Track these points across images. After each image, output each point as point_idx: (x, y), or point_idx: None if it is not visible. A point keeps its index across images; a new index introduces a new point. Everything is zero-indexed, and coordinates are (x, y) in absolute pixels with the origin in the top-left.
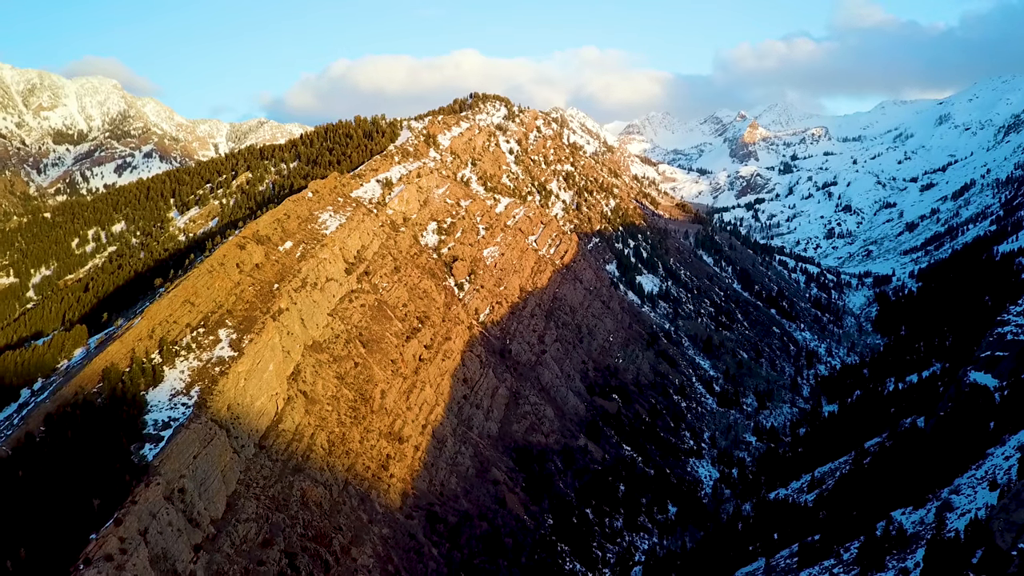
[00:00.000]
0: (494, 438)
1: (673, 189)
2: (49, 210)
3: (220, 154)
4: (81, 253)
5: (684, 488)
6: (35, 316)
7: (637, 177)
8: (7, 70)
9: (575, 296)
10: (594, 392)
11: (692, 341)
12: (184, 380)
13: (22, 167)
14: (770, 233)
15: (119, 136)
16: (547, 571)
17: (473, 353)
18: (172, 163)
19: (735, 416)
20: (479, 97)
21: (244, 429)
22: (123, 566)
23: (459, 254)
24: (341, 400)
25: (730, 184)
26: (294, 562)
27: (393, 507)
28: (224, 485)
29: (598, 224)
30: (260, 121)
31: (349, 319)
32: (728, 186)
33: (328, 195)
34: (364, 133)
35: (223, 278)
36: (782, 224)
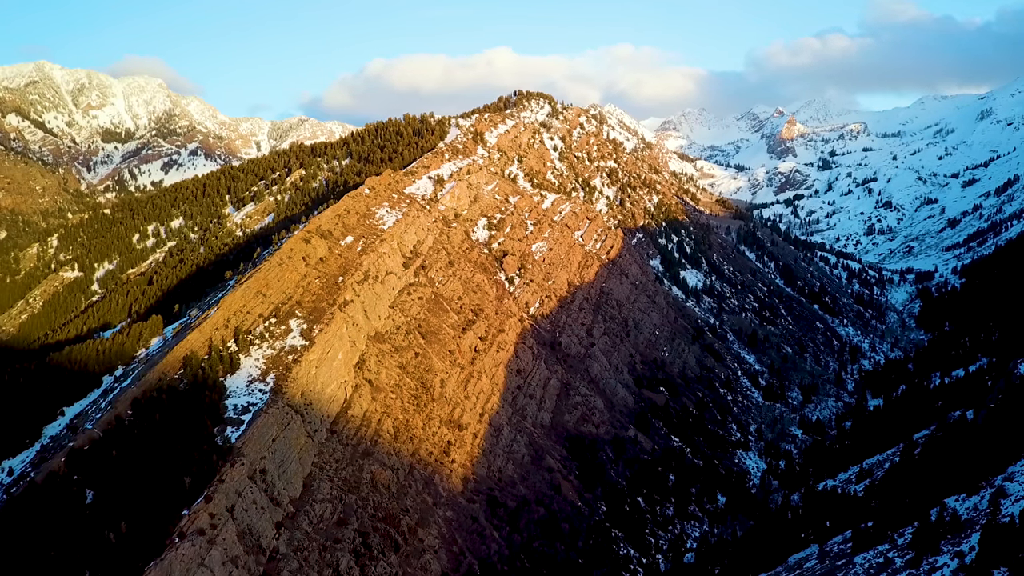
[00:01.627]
0: (547, 427)
1: (711, 185)
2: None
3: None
4: (142, 248)
5: (732, 479)
6: (102, 308)
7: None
8: (57, 70)
9: (621, 290)
10: (642, 384)
11: (737, 335)
12: (259, 367)
13: (73, 165)
14: (809, 229)
15: (165, 134)
16: (602, 556)
17: (525, 345)
18: (216, 161)
19: (781, 409)
20: (523, 95)
21: (317, 414)
22: (214, 540)
23: (509, 249)
24: (404, 388)
25: (768, 180)
26: (367, 541)
27: (455, 491)
28: (301, 467)
29: (641, 220)
30: (300, 119)
31: (408, 311)
32: (766, 182)
33: (383, 191)
34: (414, 131)
35: (291, 271)
36: (821, 220)
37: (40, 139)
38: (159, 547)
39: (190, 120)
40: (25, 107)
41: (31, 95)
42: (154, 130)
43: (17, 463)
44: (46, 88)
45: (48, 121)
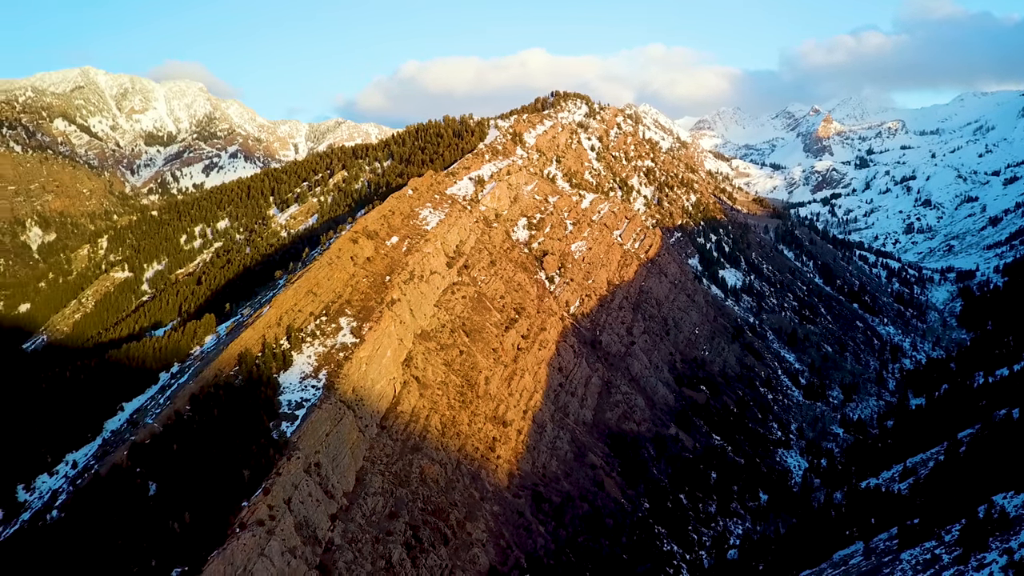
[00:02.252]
0: (589, 425)
1: (747, 184)
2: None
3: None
4: (189, 249)
5: (774, 477)
6: (153, 308)
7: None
8: (102, 75)
9: (661, 289)
10: (682, 383)
11: (776, 334)
12: (312, 364)
13: (118, 168)
14: (847, 228)
15: (205, 137)
16: (646, 551)
17: (567, 343)
18: (255, 163)
19: (821, 408)
20: (560, 96)
21: (367, 410)
22: (273, 531)
23: (549, 248)
24: (450, 385)
25: (805, 179)
26: (417, 534)
27: (501, 486)
28: (353, 461)
29: (679, 219)
30: (337, 121)
31: (452, 310)
32: (803, 181)
33: (426, 192)
34: (454, 132)
35: (340, 270)
36: (859, 219)
37: (86, 143)
38: (220, 537)
39: (230, 123)
40: (71, 112)
41: (77, 100)
42: (195, 133)
43: (80, 456)
44: (91, 93)
45: (93, 125)
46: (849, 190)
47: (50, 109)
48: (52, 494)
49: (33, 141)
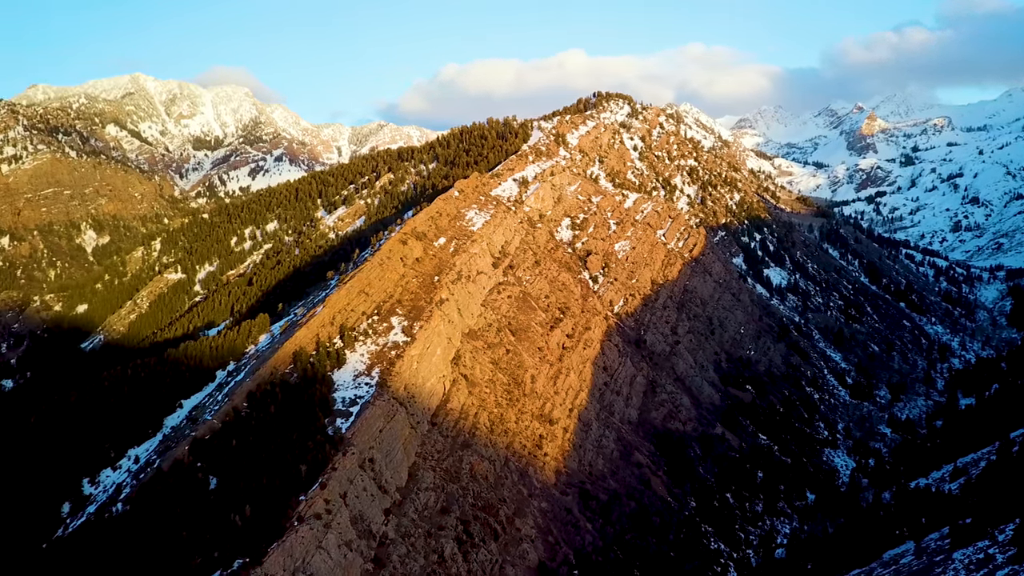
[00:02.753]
0: (634, 424)
1: (790, 183)
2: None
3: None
4: (240, 250)
5: (821, 477)
6: (206, 308)
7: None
8: (151, 82)
9: (705, 289)
10: (728, 382)
11: (822, 334)
12: (364, 362)
13: (167, 172)
14: (892, 227)
15: (251, 141)
16: (693, 549)
17: (611, 343)
18: (300, 166)
19: (868, 408)
20: (602, 96)
21: (419, 407)
22: (329, 524)
23: (592, 248)
24: (497, 383)
25: (849, 177)
26: (468, 529)
27: (549, 483)
28: (405, 457)
29: (723, 218)
30: (380, 124)
31: (498, 309)
32: (847, 179)
33: (472, 194)
34: (498, 134)
35: (391, 271)
36: (905, 217)
37: (136, 148)
38: (279, 530)
39: (275, 127)
40: (122, 118)
41: (127, 106)
42: (241, 137)
43: (142, 451)
44: (141, 99)
45: (143, 131)
46: (894, 188)
47: (102, 115)
48: (116, 488)
49: (87, 147)
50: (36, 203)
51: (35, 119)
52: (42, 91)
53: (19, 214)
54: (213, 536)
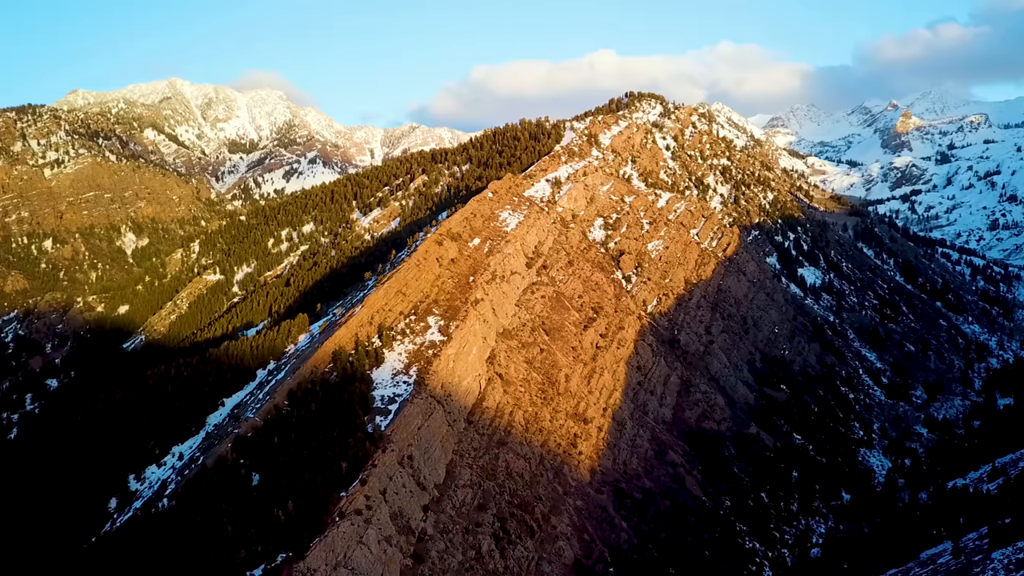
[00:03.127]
0: (668, 423)
1: (823, 182)
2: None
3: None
4: (277, 252)
5: (856, 476)
6: (245, 309)
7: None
8: (187, 86)
9: (739, 288)
10: (762, 382)
11: (857, 333)
12: (402, 361)
13: (203, 175)
14: (928, 225)
15: (286, 144)
16: (728, 548)
17: (645, 342)
18: (333, 168)
19: (904, 408)
20: (634, 96)
21: (455, 405)
22: (370, 520)
23: (625, 248)
24: (531, 382)
25: (883, 176)
26: (505, 526)
27: (584, 481)
28: (443, 454)
29: (756, 217)
30: (411, 126)
31: (532, 309)
32: (881, 178)
33: (505, 195)
34: (530, 135)
35: (427, 271)
36: (941, 216)
37: (174, 151)
38: (320, 525)
39: (308, 130)
40: (160, 122)
41: (165, 110)
42: (275, 140)
43: (186, 448)
44: (178, 103)
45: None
46: (930, 186)
47: (140, 120)
48: (161, 484)
49: (126, 150)
50: (78, 206)
51: (76, 124)
52: (82, 96)
53: (61, 217)
54: (257, 531)
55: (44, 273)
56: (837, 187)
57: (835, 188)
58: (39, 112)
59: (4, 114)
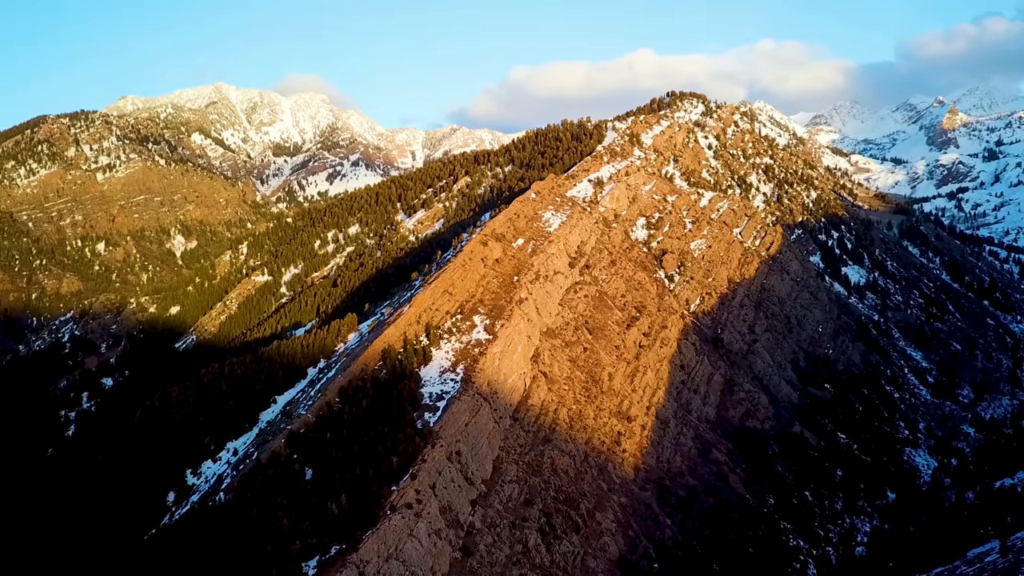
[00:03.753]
0: (712, 422)
1: (867, 180)
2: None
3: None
4: (323, 253)
5: (901, 476)
6: (293, 309)
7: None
8: (233, 91)
9: (783, 287)
10: (806, 381)
11: (902, 332)
12: (449, 359)
13: (249, 178)
14: (975, 223)
15: (329, 147)
16: (772, 546)
17: (688, 341)
18: (375, 170)
19: (951, 407)
20: (676, 95)
21: (501, 402)
22: (420, 514)
23: (668, 247)
24: (575, 381)
25: (929, 173)
26: (550, 521)
27: (628, 479)
28: (490, 450)
29: (800, 216)
30: (452, 128)
31: (575, 308)
32: (927, 175)
33: (548, 195)
34: (572, 136)
35: (473, 271)
36: (988, 214)
37: (220, 155)
38: (372, 518)
39: (351, 133)
40: (206, 126)
41: (211, 115)
42: (319, 143)
43: (240, 444)
44: (223, 108)
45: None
46: (977, 184)
47: (188, 124)
48: (217, 478)
49: (175, 155)
50: (129, 210)
51: (127, 129)
52: (131, 102)
53: (114, 220)
54: (311, 524)
55: (98, 275)
56: (881, 185)
57: (879, 186)
58: (91, 118)
59: (58, 120)
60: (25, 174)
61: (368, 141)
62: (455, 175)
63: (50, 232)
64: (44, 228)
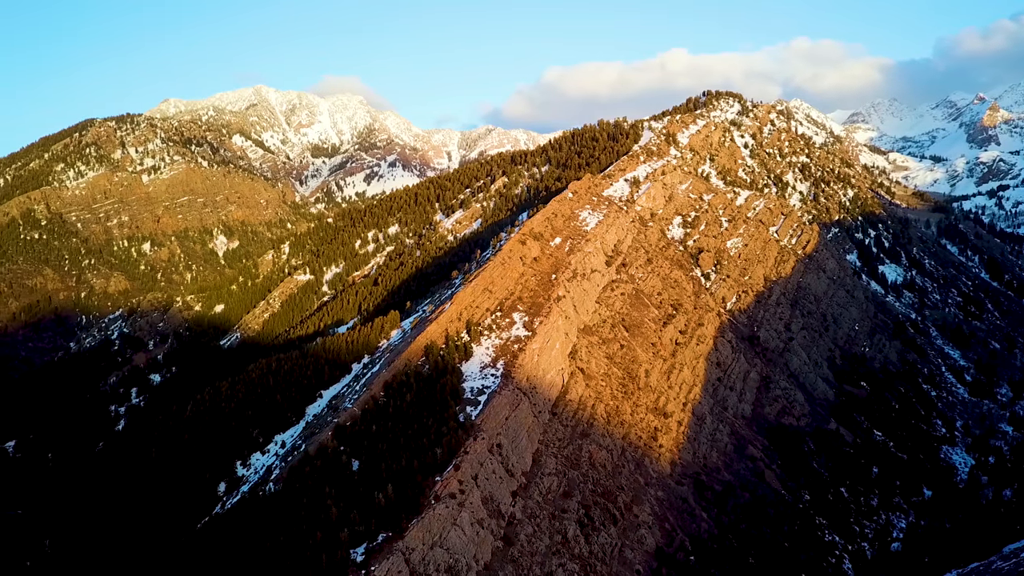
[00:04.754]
0: (748, 419)
1: (905, 178)
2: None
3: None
4: (364, 252)
5: (938, 473)
6: (335, 307)
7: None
8: (272, 93)
9: (819, 285)
10: (842, 379)
11: (940, 331)
12: (490, 355)
13: (288, 179)
14: (1016, 221)
15: (366, 148)
16: (807, 540)
17: (724, 339)
18: (412, 171)
19: (989, 406)
20: (712, 95)
21: (540, 397)
22: (463, 503)
23: (704, 246)
24: (612, 377)
25: (968, 171)
26: (589, 513)
27: (664, 473)
28: (529, 443)
29: (836, 214)
30: (488, 128)
31: (612, 306)
32: (966, 173)
33: (585, 195)
34: (608, 136)
35: (512, 269)
36: None
37: (260, 156)
38: (417, 507)
39: (388, 134)
40: (247, 128)
41: (251, 117)
42: (356, 144)
43: (287, 437)
44: (263, 110)
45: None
46: (1018, 181)
47: (228, 126)
48: (266, 469)
49: (217, 156)
50: (173, 211)
51: (171, 132)
52: (173, 105)
53: (158, 221)
54: (359, 513)
55: (143, 274)
56: (920, 183)
57: (918, 184)
58: (136, 121)
59: (105, 124)
60: (74, 176)
61: (404, 142)
62: (492, 175)
63: (98, 232)
64: (92, 229)
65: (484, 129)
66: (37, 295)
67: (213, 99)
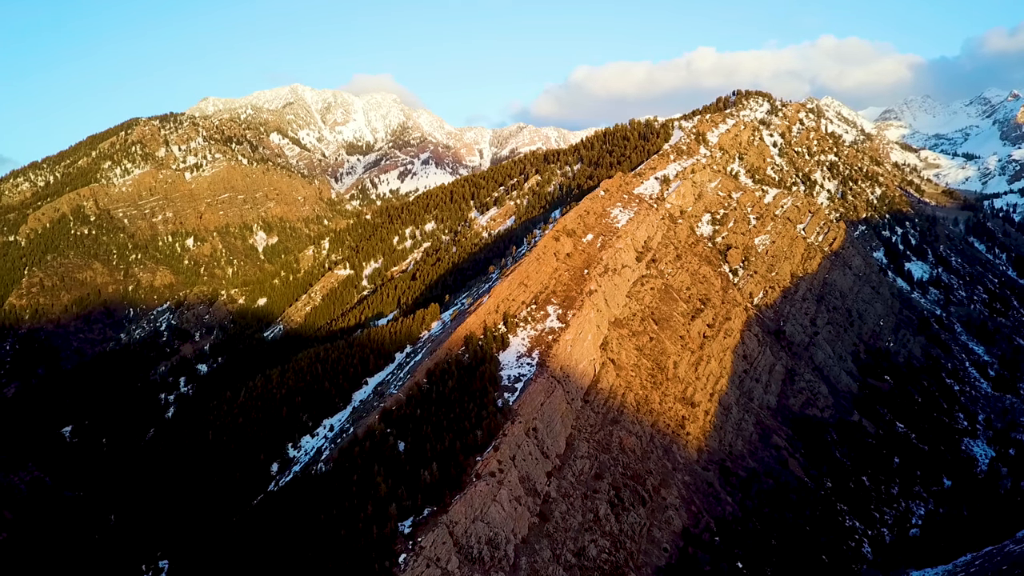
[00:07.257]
0: (773, 410)
1: (937, 176)
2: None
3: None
4: (402, 248)
5: (958, 464)
6: (375, 301)
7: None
8: (308, 92)
9: (844, 282)
10: (866, 373)
11: (964, 327)
12: (525, 345)
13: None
14: None
15: (400, 146)
16: (828, 525)
17: (751, 332)
18: (445, 168)
19: (1011, 400)
20: (741, 94)
21: (573, 385)
22: (502, 482)
23: (732, 242)
24: (641, 368)
25: (1001, 169)
26: (619, 494)
27: (691, 459)
28: (563, 428)
29: (864, 212)
30: (519, 126)
31: (642, 300)
32: (999, 171)
33: (616, 192)
34: (639, 135)
35: (546, 264)
36: None
37: (297, 154)
38: (460, 484)
39: (421, 131)
40: (284, 126)
41: (288, 115)
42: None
43: (336, 421)
44: (299, 108)
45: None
46: None
47: (266, 125)
48: (316, 451)
49: (256, 154)
50: (215, 207)
51: (212, 130)
52: (212, 103)
53: (201, 217)
54: (405, 489)
55: (187, 269)
56: (951, 181)
57: (949, 182)
58: (179, 120)
59: (149, 123)
60: (120, 173)
61: (437, 140)
62: (526, 174)
63: (143, 228)
64: (138, 224)
65: (515, 127)
66: (87, 288)
67: (251, 97)
